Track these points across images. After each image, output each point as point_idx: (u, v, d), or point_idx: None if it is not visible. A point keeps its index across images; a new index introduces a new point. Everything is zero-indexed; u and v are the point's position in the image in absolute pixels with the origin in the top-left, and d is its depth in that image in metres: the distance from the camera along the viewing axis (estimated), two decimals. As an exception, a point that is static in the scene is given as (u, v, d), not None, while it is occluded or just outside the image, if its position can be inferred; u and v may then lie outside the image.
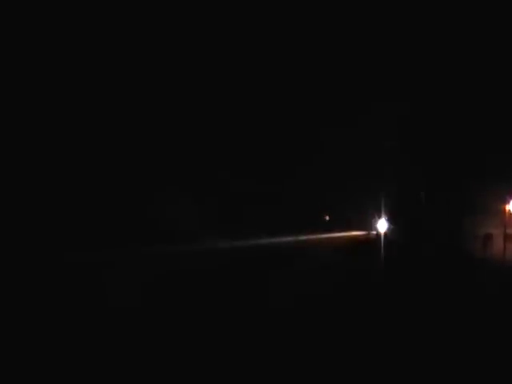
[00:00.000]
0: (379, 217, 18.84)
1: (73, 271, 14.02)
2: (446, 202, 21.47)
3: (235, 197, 20.38)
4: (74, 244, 16.03)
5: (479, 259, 19.55)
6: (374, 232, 19.34)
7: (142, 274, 13.71)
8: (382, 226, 18.77)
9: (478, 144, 20.65)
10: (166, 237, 17.47)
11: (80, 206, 17.50)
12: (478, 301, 12.58)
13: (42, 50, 17.06)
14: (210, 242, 18.17)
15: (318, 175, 21.28)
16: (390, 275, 14.78)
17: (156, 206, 18.30)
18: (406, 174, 20.86)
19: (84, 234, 16.50)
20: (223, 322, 10.54)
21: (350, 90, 20.25)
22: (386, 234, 18.64)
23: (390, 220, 19.28)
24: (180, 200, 18.25)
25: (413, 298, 12.87)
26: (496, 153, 20.37)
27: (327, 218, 22.95)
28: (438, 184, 21.63)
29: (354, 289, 13.72)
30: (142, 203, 18.45)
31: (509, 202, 20.60)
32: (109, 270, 14.08)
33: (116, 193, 18.35)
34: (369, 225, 20.15)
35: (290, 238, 20.94)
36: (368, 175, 19.97)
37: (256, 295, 12.82)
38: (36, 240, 15.49)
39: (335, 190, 21.35)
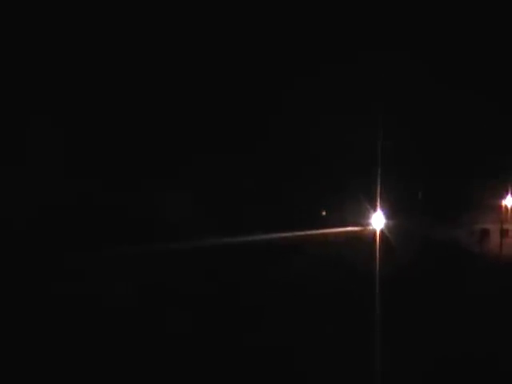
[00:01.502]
0: (375, 213, 18.80)
1: (71, 271, 13.98)
2: (443, 197, 21.50)
3: (232, 194, 20.37)
4: (71, 244, 15.95)
5: (476, 254, 19.61)
6: (371, 227, 19.31)
7: (141, 273, 13.70)
8: (378, 221, 18.73)
9: (475, 140, 20.67)
10: (163, 235, 17.43)
11: (76, 204, 17.45)
12: (474, 296, 12.59)
13: (41, 46, 17.00)
14: (207, 238, 18.16)
15: (315, 171, 21.29)
16: (385, 271, 14.76)
17: (152, 204, 18.27)
18: (403, 171, 20.88)
19: (80, 233, 16.43)
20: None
21: (348, 88, 20.20)
22: (382, 230, 18.61)
23: (386, 216, 19.26)
24: (177, 198, 18.24)
25: (409, 292, 12.87)
26: (493, 149, 20.41)
27: (324, 213, 22.95)
28: (435, 180, 21.66)
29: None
30: (137, 201, 18.40)
31: (505, 198, 20.65)
32: (106, 269, 14.05)
33: (113, 191, 18.31)
34: (365, 220, 20.14)
35: (286, 234, 20.95)
36: (365, 171, 19.95)
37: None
38: (32, 240, 15.40)
39: (332, 185, 21.36)
